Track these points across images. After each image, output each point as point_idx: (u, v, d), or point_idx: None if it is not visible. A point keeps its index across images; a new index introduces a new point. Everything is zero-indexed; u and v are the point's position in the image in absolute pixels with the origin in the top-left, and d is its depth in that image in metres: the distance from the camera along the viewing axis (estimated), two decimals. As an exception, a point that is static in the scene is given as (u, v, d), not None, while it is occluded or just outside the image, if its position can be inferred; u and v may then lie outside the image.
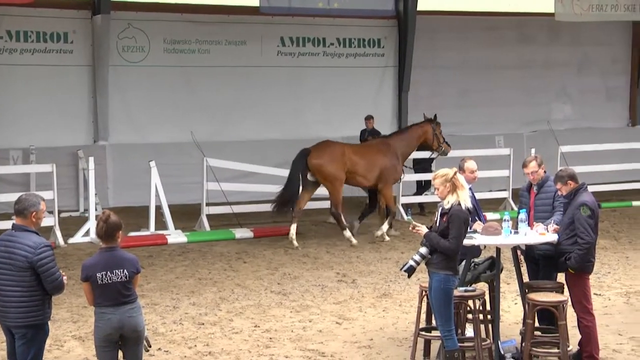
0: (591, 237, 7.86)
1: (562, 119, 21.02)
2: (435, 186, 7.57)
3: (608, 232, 14.42)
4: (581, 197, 7.96)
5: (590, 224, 7.86)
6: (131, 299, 6.39)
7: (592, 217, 7.87)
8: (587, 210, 7.86)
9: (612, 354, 8.30)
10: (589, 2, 17.91)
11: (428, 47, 19.49)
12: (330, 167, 13.59)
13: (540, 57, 20.88)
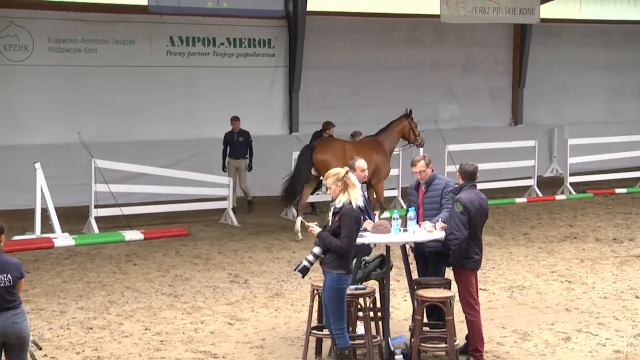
0: (462, 233, 8.01)
1: (449, 118, 21.51)
2: (327, 185, 7.61)
3: (492, 228, 14.83)
4: (460, 194, 8.17)
5: (462, 220, 8.02)
6: (15, 305, 6.19)
7: (464, 213, 8.04)
8: (460, 206, 8.04)
9: (496, 347, 8.53)
10: (473, 5, 18.39)
11: (318, 48, 19.61)
12: (335, 163, 13.64)
13: (427, 57, 21.31)
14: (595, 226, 15.15)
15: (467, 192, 8.19)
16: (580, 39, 23.16)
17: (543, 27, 21.55)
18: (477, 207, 8.12)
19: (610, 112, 23.83)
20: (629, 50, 23.88)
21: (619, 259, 12.44)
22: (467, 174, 8.33)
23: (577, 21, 23.23)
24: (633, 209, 16.92)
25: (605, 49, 23.54)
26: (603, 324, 9.25)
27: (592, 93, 23.50)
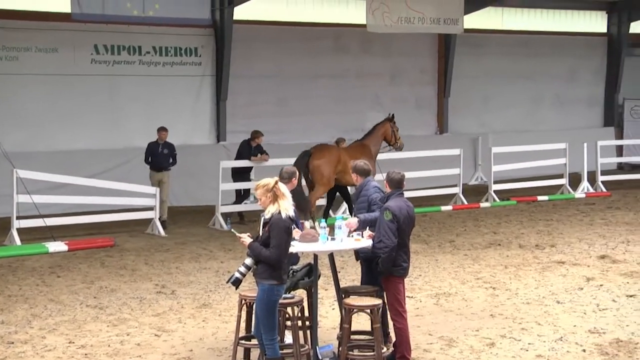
0: (392, 241, 8.08)
1: (376, 127, 21.66)
2: (257, 196, 7.58)
3: (419, 236, 14.99)
4: (388, 202, 8.24)
5: (391, 228, 8.09)
6: None
7: (393, 221, 8.11)
8: (390, 214, 8.11)
9: (422, 354, 8.62)
10: (398, 15, 18.61)
11: (245, 56, 19.58)
12: (328, 168, 15.15)
13: (354, 67, 21.47)
14: (518, 233, 15.44)
15: (396, 200, 8.27)
16: (502, 49, 23.64)
17: (467, 38, 21.93)
18: (405, 215, 8.20)
19: (531, 120, 24.36)
20: (549, 60, 24.47)
21: (541, 265, 12.70)
22: (394, 182, 8.42)
23: (499, 32, 23.71)
24: (554, 216, 17.30)
25: (526, 59, 24.08)
26: (526, 329, 9.43)
27: (514, 102, 23.99)
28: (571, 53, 24.89)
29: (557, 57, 24.63)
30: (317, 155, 15.29)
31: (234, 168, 16.71)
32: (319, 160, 15.23)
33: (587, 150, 20.30)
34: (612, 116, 25.55)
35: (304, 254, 8.82)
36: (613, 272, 12.10)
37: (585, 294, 10.90)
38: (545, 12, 24.53)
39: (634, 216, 17.10)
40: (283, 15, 20.44)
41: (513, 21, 24.07)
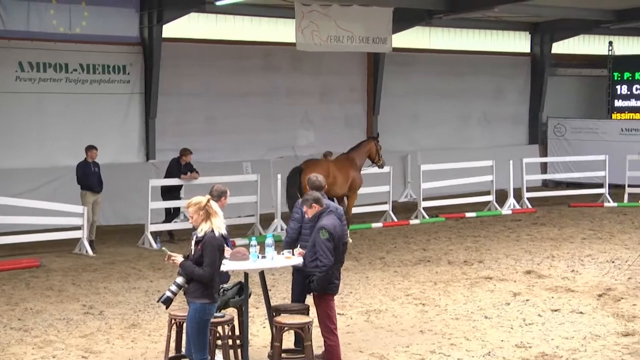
0: (329, 259, 8.14)
1: (306, 145, 21.77)
2: (189, 214, 7.53)
3: (349, 253, 15.03)
4: (322, 221, 8.27)
5: (328, 246, 8.15)
6: None
7: (330, 240, 8.16)
8: (326, 233, 8.16)
9: (354, 370, 8.66)
10: (327, 33, 18.75)
11: (174, 74, 19.47)
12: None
13: (284, 85, 21.53)
14: (447, 249, 15.65)
15: (329, 218, 8.29)
16: (430, 67, 24.00)
17: (395, 56, 22.20)
18: (339, 232, 8.27)
19: (459, 138, 24.76)
20: (476, 79, 24.93)
21: (469, 280, 12.89)
22: (318, 200, 8.43)
23: (427, 51, 24.07)
24: (482, 232, 17.59)
25: (453, 77, 24.48)
26: (455, 344, 9.55)
27: (443, 120, 24.36)
28: (497, 72, 25.42)
29: (483, 76, 25.12)
30: (308, 171, 15.48)
31: (163, 186, 16.56)
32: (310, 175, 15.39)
33: (513, 168, 20.71)
34: (537, 134, 26.14)
35: (234, 272, 8.79)
36: (539, 287, 12.35)
37: (512, 309, 11.10)
38: (471, 32, 25.03)
39: (558, 232, 17.50)
40: (212, 33, 20.41)
41: (440, 41, 24.49)
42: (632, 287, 12.29)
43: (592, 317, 10.68)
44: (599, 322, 10.45)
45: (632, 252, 14.54)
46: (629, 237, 16.59)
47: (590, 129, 25.07)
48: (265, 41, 21.06)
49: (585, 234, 17.23)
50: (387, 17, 19.57)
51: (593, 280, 12.76)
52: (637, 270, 12.92)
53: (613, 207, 21.10)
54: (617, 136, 24.53)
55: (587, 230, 17.62)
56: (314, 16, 18.47)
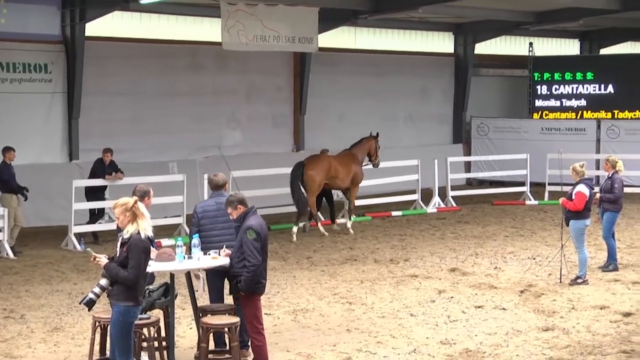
0: (257, 259, 8.14)
1: (233, 144, 21.68)
2: (115, 215, 7.42)
3: (277, 253, 15.08)
4: (248, 221, 8.25)
5: (256, 247, 8.15)
6: None
7: (258, 240, 8.16)
8: (253, 233, 8.15)
9: (282, 370, 8.66)
10: (254, 33, 18.71)
11: (98, 73, 19.16)
12: (319, 177, 17.00)
13: (210, 84, 21.39)
14: (374, 248, 15.77)
15: (255, 218, 8.27)
16: (356, 67, 24.15)
17: (321, 56, 22.28)
18: (265, 232, 8.26)
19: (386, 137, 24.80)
20: (401, 79, 25.17)
21: (395, 279, 13.02)
22: (242, 201, 8.38)
23: (353, 51, 24.21)
24: (408, 231, 17.78)
25: (379, 77, 24.68)
26: (381, 342, 9.64)
27: (369, 120, 24.42)
28: (421, 72, 25.73)
29: (408, 76, 25.39)
30: (310, 166, 17.00)
31: (87, 187, 16.31)
32: (312, 170, 16.93)
33: (438, 167, 20.99)
34: (461, 133, 26.55)
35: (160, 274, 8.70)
36: (463, 285, 12.55)
37: (437, 306, 11.25)
38: (396, 33, 25.27)
39: (481, 230, 17.80)
40: (138, 32, 20.15)
41: (366, 41, 24.66)
42: (552, 283, 12.59)
43: (514, 313, 10.91)
44: (521, 317, 10.67)
45: (552, 249, 14.88)
46: (549, 234, 16.97)
47: (512, 129, 25.57)
48: (191, 40, 20.89)
49: (507, 231, 17.57)
50: (313, 17, 19.63)
51: (515, 277, 13.02)
52: (557, 267, 13.24)
53: (534, 205, 21.56)
54: (538, 135, 25.08)
55: (510, 228, 17.97)
56: (240, 15, 18.40)
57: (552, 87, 26.20)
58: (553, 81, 26.18)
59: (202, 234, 8.87)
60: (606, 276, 13.01)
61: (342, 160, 17.61)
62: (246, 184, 17.40)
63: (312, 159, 17.37)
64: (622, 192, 13.35)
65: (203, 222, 8.91)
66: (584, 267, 12.50)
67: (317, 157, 17.61)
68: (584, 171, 12.68)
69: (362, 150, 18.08)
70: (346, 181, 17.65)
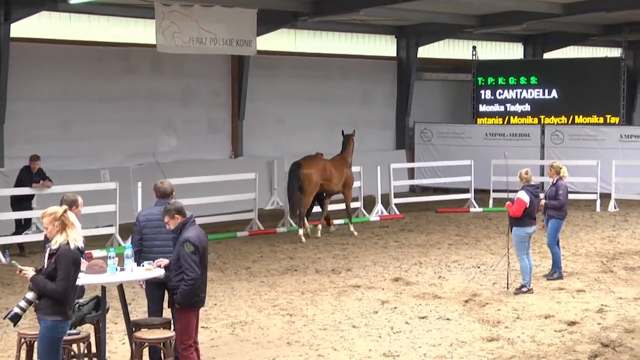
0: (196, 273, 8.07)
1: (168, 151, 21.51)
2: (44, 225, 7.29)
3: (214, 263, 14.99)
4: (186, 233, 8.15)
5: (194, 260, 8.05)
6: None
7: (196, 252, 8.08)
8: (191, 246, 8.06)
9: (219, 386, 8.59)
10: (190, 35, 18.59)
11: (25, 77, 18.82)
12: (316, 177, 17.76)
13: (144, 88, 21.19)
14: (315, 258, 15.78)
15: (193, 229, 8.17)
16: (296, 71, 24.19)
17: (260, 59, 22.26)
18: (204, 244, 8.16)
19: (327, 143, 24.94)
20: (343, 83, 25.29)
21: (337, 289, 13.04)
22: (180, 211, 8.29)
23: (292, 54, 24.26)
24: (350, 240, 17.83)
25: (320, 81, 24.76)
26: (322, 355, 9.64)
27: (310, 125, 24.56)
28: (364, 76, 25.88)
29: (350, 80, 25.51)
30: (306, 165, 17.73)
31: (13, 196, 16.01)
32: (308, 170, 17.66)
33: (381, 173, 21.12)
34: (404, 139, 26.77)
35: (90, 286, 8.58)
36: (406, 295, 12.63)
37: (380, 317, 11.30)
38: (337, 35, 25.39)
39: (425, 238, 17.95)
40: (67, 33, 19.86)
41: (306, 44, 24.72)
42: (497, 292, 12.74)
43: (459, 323, 11.01)
44: (465, 328, 10.78)
45: (496, 257, 15.07)
46: (494, 242, 17.19)
47: (456, 134, 25.88)
48: (124, 42, 20.69)
49: (451, 239, 17.74)
50: (251, 19, 19.60)
51: (459, 286, 13.15)
52: (501, 275, 13.41)
53: (478, 212, 21.82)
54: (482, 141, 25.43)
55: (454, 236, 18.15)
56: (175, 17, 18.29)
57: (496, 92, 26.58)
58: (497, 86, 26.57)
59: (144, 244, 8.79)
60: (551, 284, 13.22)
61: (336, 164, 18.48)
62: (182, 192, 17.21)
63: (308, 159, 18.06)
64: (566, 198, 13.58)
65: (145, 231, 8.84)
66: (527, 275, 12.67)
67: (312, 157, 18.29)
68: (529, 177, 12.87)
69: (350, 152, 19.01)
70: (339, 185, 18.48)
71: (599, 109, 25.60)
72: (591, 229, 19.05)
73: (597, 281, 13.46)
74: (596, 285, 13.15)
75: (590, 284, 13.29)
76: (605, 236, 17.93)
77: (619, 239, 17.61)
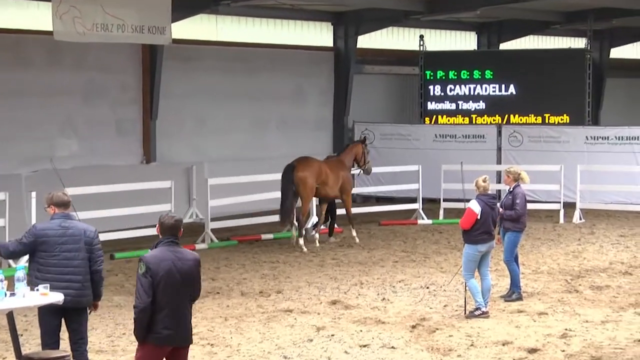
0: (142, 300, 7.66)
1: (68, 156, 21.22)
2: None
3: (123, 287, 14.86)
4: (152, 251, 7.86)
5: (143, 283, 7.68)
6: None
7: (146, 275, 7.67)
8: (143, 266, 7.69)
9: None
10: (93, 21, 18.36)
11: None
12: (311, 180, 18.71)
13: (39, 83, 20.87)
14: (240, 278, 15.74)
15: (161, 249, 7.88)
16: (218, 63, 24.11)
17: (176, 49, 22.15)
18: (167, 268, 7.78)
19: (254, 146, 25.00)
20: (273, 77, 25.29)
21: (266, 314, 13.01)
22: (165, 228, 7.99)
23: (214, 43, 24.19)
24: (281, 257, 17.83)
25: (247, 75, 24.72)
26: (249, 391, 9.60)
27: (235, 125, 24.50)
28: (296, 69, 25.93)
29: (281, 73, 25.54)
30: (300, 169, 18.65)
31: None
32: (302, 172, 18.63)
33: (316, 181, 21.15)
34: (342, 141, 26.83)
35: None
36: (345, 320, 12.66)
37: (315, 346, 11.30)
38: (265, 22, 25.40)
39: (367, 254, 18.04)
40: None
41: (229, 31, 24.69)
42: (449, 315, 12.85)
43: (405, 352, 11.07)
44: (413, 357, 10.84)
45: (448, 276, 15.21)
46: (445, 259, 17.35)
47: (402, 136, 26.09)
48: (14, 29, 20.40)
49: (397, 256, 17.86)
50: (165, 3, 19.45)
51: (406, 310, 13.23)
52: (453, 297, 13.52)
53: (427, 224, 22.02)
54: (431, 143, 25.68)
55: (400, 252, 18.27)
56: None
57: (447, 87, 26.87)
58: (447, 80, 26.87)
59: (40, 262, 8.67)
60: (509, 307, 13.38)
61: (332, 166, 19.44)
62: (85, 203, 17.02)
63: (303, 161, 18.94)
64: (525, 208, 13.71)
65: (42, 247, 8.71)
66: (479, 295, 12.74)
67: (307, 158, 19.17)
68: (486, 186, 12.91)
69: (349, 155, 20.00)
70: (335, 189, 19.40)
71: (562, 107, 26.07)
72: (554, 243, 19.36)
73: (560, 302, 13.68)
74: (559, 307, 13.35)
75: (553, 305, 13.49)
76: (570, 251, 18.24)
77: (584, 254, 17.93)
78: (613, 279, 15.41)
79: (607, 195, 23.68)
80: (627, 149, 24.15)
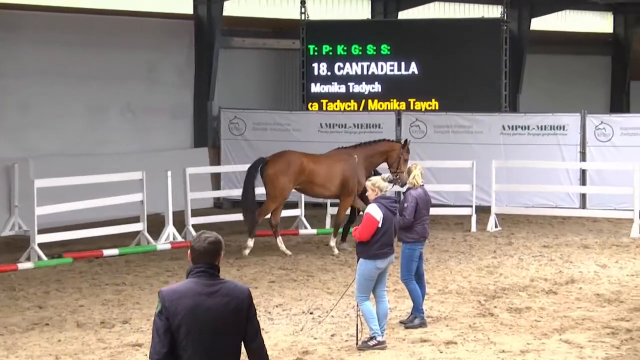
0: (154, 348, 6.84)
1: None
2: None
3: None
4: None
5: (157, 327, 6.84)
6: None
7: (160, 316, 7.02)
8: (159, 304, 7.33)
9: None
10: None
11: None
12: (284, 180, 19.15)
13: None
14: (76, 305, 15.55)
15: (187, 282, 7.46)
16: (45, 34, 23.81)
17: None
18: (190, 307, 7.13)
19: (93, 139, 24.73)
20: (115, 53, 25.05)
21: (108, 350, 12.88)
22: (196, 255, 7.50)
23: (40, 8, 23.76)
24: (128, 278, 17.67)
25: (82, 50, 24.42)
26: None
27: (66, 113, 24.20)
28: (146, 43, 25.77)
29: (127, 48, 25.35)
30: (271, 165, 19.23)
31: None
32: (273, 169, 19.19)
33: (173, 182, 21.03)
34: (206, 133, 26.77)
35: None
36: (209, 355, 12.60)
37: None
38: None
39: (237, 273, 18.04)
40: None
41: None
42: (337, 347, 12.92)
43: (283, 393, 11.09)
44: (292, 400, 10.86)
45: (336, 298, 15.27)
46: (333, 277, 17.46)
47: (280, 125, 26.16)
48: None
49: (273, 274, 17.91)
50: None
51: (284, 341, 13.26)
52: (342, 324, 13.58)
53: (311, 234, 22.12)
54: (316, 134, 25.80)
55: (277, 270, 18.32)
56: None
57: (335, 66, 27.08)
58: (335, 57, 27.08)
59: None
60: (410, 335, 13.53)
61: (323, 161, 19.76)
62: None
63: (279, 155, 19.57)
64: (413, 214, 13.63)
65: None
66: (374, 322, 12.81)
67: (283, 153, 19.70)
68: (384, 187, 12.89)
69: (369, 151, 19.97)
70: (330, 187, 19.82)
71: (474, 90, 26.50)
72: (464, 256, 19.65)
73: (472, 329, 13.88)
74: (471, 335, 13.55)
75: (463, 332, 13.68)
76: (484, 266, 18.53)
77: (501, 269, 18.24)
78: (535, 300, 15.71)
79: (528, 197, 24.15)
80: (552, 141, 24.58)
